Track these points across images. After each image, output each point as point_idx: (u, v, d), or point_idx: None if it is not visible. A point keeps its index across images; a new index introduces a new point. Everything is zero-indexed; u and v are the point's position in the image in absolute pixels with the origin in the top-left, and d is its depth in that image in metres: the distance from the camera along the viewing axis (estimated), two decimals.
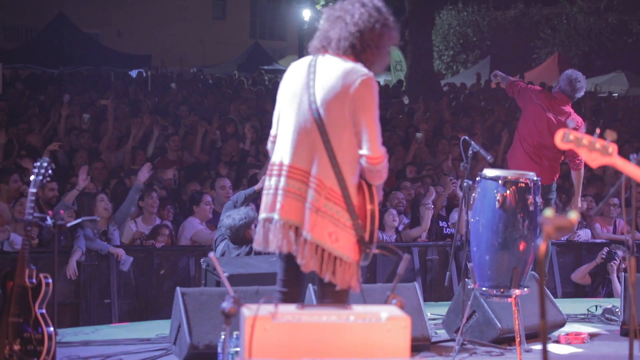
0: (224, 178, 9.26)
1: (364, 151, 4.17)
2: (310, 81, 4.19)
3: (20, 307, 5.17)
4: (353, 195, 4.15)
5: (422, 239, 9.28)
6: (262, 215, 4.30)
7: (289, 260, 4.30)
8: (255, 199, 7.41)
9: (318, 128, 4.16)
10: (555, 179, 7.54)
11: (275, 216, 4.20)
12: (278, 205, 4.20)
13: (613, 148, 3.43)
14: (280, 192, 4.20)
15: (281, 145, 4.27)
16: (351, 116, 4.13)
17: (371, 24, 4.19)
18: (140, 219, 8.64)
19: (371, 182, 4.25)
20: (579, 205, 7.78)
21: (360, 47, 4.19)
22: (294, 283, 4.37)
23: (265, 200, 4.31)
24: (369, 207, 4.20)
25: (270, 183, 4.28)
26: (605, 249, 9.03)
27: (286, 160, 4.22)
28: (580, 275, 9.24)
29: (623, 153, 3.58)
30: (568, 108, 7.40)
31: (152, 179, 9.90)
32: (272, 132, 4.42)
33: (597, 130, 3.47)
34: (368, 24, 4.19)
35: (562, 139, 3.40)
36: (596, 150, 3.42)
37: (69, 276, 7.79)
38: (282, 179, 4.20)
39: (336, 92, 4.14)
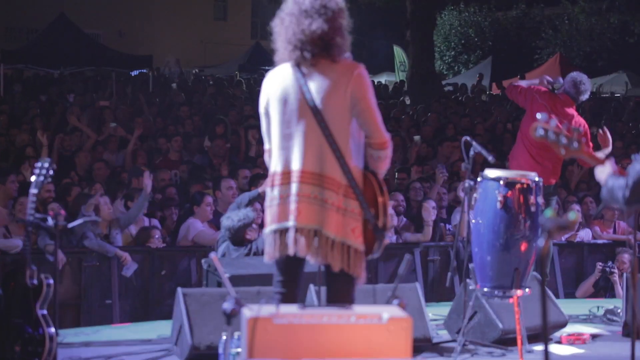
0: (229, 179, 9.20)
1: (371, 138, 4.26)
2: (302, 86, 4.21)
3: (21, 307, 5.16)
4: (361, 185, 4.22)
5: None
6: (272, 226, 4.27)
7: (288, 261, 4.29)
8: (259, 201, 7.36)
9: (321, 129, 4.17)
10: (557, 179, 7.53)
11: (291, 223, 4.19)
12: (294, 213, 4.18)
13: (580, 141, 3.45)
14: (293, 198, 4.19)
15: (282, 153, 4.26)
16: (352, 108, 4.19)
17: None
18: None
19: (377, 169, 4.32)
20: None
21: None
22: (293, 284, 4.37)
23: (272, 211, 4.27)
24: (380, 199, 4.27)
25: (274, 193, 4.26)
26: (600, 265, 8.76)
27: (295, 166, 4.21)
28: (584, 291, 9.05)
29: (627, 154, 3.58)
30: (572, 110, 7.38)
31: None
32: (267, 146, 4.42)
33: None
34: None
35: (533, 132, 3.44)
36: (563, 145, 3.45)
37: (50, 258, 7.56)
38: (294, 185, 4.19)
39: (334, 89, 4.17)
